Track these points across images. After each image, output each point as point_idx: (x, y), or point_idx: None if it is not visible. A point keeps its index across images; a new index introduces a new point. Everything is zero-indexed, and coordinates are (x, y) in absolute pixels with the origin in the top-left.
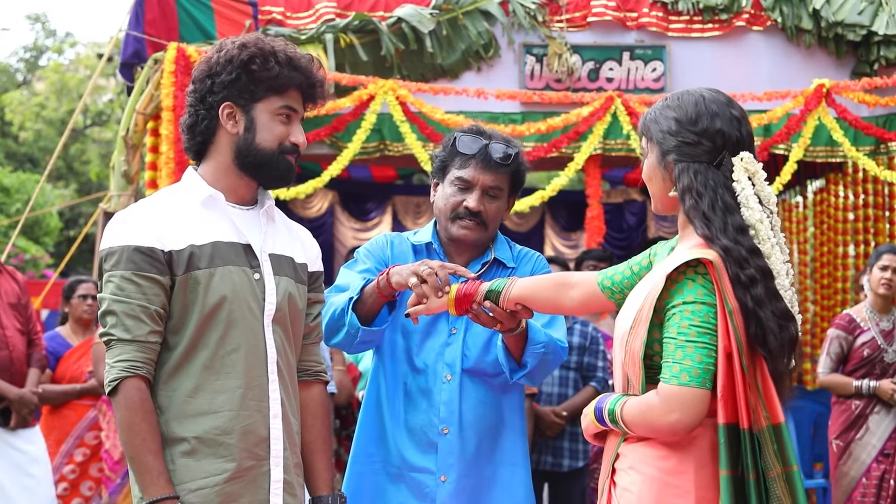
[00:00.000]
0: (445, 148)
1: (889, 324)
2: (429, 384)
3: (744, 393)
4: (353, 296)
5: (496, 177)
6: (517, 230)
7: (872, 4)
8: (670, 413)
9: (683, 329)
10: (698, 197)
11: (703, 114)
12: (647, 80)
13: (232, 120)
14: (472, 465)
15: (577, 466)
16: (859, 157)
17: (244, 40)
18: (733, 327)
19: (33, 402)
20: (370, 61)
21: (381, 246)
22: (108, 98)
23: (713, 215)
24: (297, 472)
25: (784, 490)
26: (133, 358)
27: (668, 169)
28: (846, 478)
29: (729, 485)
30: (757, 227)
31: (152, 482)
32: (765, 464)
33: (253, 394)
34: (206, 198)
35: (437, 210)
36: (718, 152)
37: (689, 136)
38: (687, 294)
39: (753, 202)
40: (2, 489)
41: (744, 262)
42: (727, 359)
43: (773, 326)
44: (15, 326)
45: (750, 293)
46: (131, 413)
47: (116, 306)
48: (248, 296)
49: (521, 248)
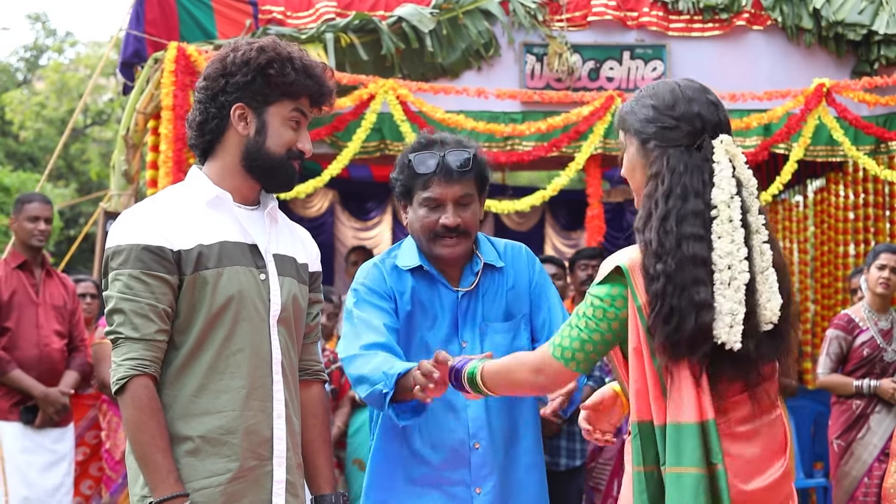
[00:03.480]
0: (402, 171)
1: (887, 323)
2: (453, 401)
3: (657, 389)
4: (388, 392)
5: (462, 185)
6: (517, 230)
7: (873, 4)
8: (538, 374)
9: (578, 312)
10: (660, 182)
11: (679, 99)
12: (648, 79)
13: (243, 121)
14: (503, 473)
15: (575, 465)
16: (859, 156)
17: (262, 43)
18: (642, 324)
19: (60, 401)
20: (370, 61)
21: (378, 279)
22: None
23: (662, 203)
24: (298, 473)
25: (706, 488)
26: (141, 356)
27: (649, 157)
28: (848, 477)
29: (640, 481)
30: (721, 207)
31: (162, 480)
32: (667, 459)
33: (257, 394)
34: (213, 198)
35: (414, 231)
36: (698, 135)
37: (668, 120)
38: (594, 288)
39: (726, 183)
40: (29, 486)
41: (665, 255)
42: (637, 355)
43: (670, 319)
44: (53, 328)
45: (655, 286)
46: (139, 411)
47: (125, 304)
48: (254, 296)
49: (505, 244)
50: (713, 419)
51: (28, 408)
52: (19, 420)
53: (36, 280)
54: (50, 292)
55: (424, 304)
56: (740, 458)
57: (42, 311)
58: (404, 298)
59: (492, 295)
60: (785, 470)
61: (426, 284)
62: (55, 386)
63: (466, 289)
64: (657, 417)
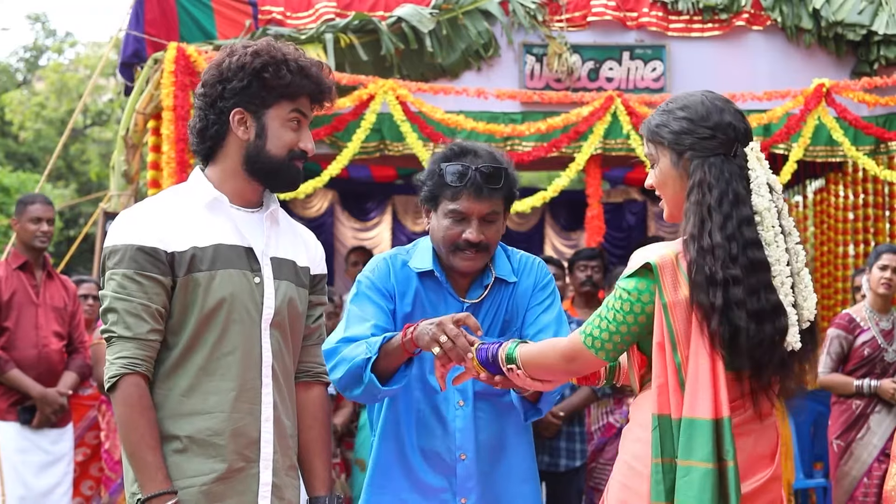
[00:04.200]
0: (432, 177)
1: (888, 323)
2: (442, 410)
3: (676, 384)
4: (371, 356)
5: (491, 203)
6: (517, 230)
7: (872, 4)
8: (571, 362)
9: (608, 303)
10: (707, 190)
11: (711, 110)
12: (647, 79)
13: (243, 126)
14: (489, 485)
15: (574, 466)
16: (859, 156)
17: (256, 47)
18: (666, 321)
19: (58, 401)
20: (370, 61)
21: (384, 275)
22: (108, 98)
23: (717, 210)
24: (289, 475)
25: (713, 483)
26: (133, 355)
27: (685, 168)
28: (848, 478)
29: (658, 471)
30: (764, 214)
31: (150, 478)
32: (678, 452)
33: (246, 396)
34: (211, 200)
35: (435, 239)
36: (732, 144)
37: (704, 131)
38: (623, 280)
39: (765, 190)
40: (27, 487)
41: (731, 260)
42: (660, 350)
43: (745, 325)
44: (52, 329)
45: (725, 293)
46: (130, 409)
47: (118, 304)
48: (246, 299)
49: (521, 256)
50: (728, 417)
51: (26, 408)
52: (17, 420)
53: (36, 281)
54: (50, 294)
55: (427, 308)
56: (740, 456)
57: (42, 313)
58: (405, 300)
59: (495, 308)
60: (773, 474)
61: (433, 290)
62: (53, 387)
63: (473, 301)
64: (675, 411)
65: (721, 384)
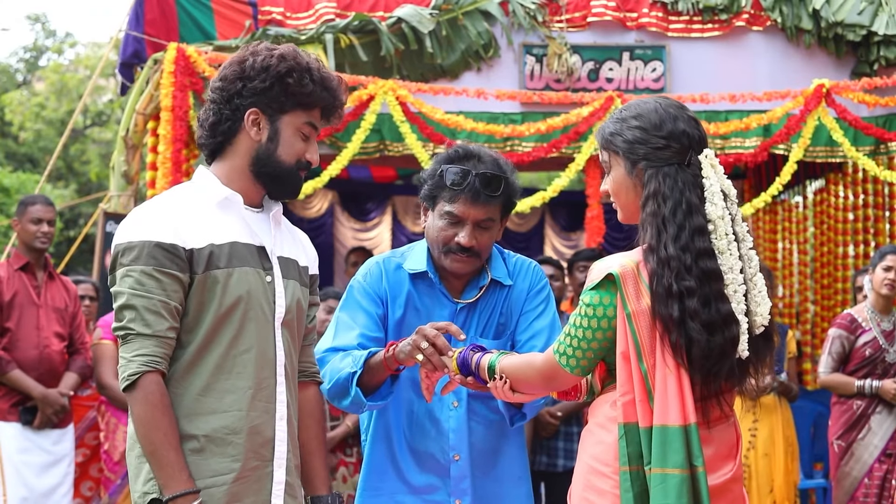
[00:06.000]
0: (433, 177)
1: (890, 324)
2: (436, 411)
3: (643, 392)
4: (357, 370)
5: (487, 209)
6: (517, 230)
7: (872, 4)
8: (549, 380)
9: (573, 320)
10: (662, 201)
11: (665, 118)
12: (647, 80)
13: (256, 126)
14: (482, 486)
15: (573, 466)
16: (859, 157)
17: (282, 51)
18: (631, 330)
19: (59, 402)
20: (370, 61)
21: (376, 280)
22: (108, 98)
23: (671, 221)
24: (297, 474)
25: (688, 489)
26: (153, 353)
27: (639, 177)
28: (848, 478)
29: (626, 479)
30: (717, 223)
31: (174, 477)
32: (652, 460)
33: (262, 395)
34: (223, 198)
35: (429, 239)
36: (686, 152)
37: (658, 140)
38: (585, 294)
39: (718, 198)
40: (29, 488)
41: (686, 271)
42: (625, 360)
43: (698, 336)
44: (53, 330)
45: (681, 304)
46: (152, 408)
47: (137, 301)
48: (261, 298)
49: (516, 259)
50: (695, 423)
51: (27, 408)
52: (18, 421)
53: (38, 282)
54: (51, 294)
55: (420, 310)
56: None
57: (43, 313)
58: (397, 303)
59: (490, 311)
60: (734, 474)
61: (427, 291)
62: (54, 388)
63: (467, 301)
64: (643, 420)
65: (686, 391)
